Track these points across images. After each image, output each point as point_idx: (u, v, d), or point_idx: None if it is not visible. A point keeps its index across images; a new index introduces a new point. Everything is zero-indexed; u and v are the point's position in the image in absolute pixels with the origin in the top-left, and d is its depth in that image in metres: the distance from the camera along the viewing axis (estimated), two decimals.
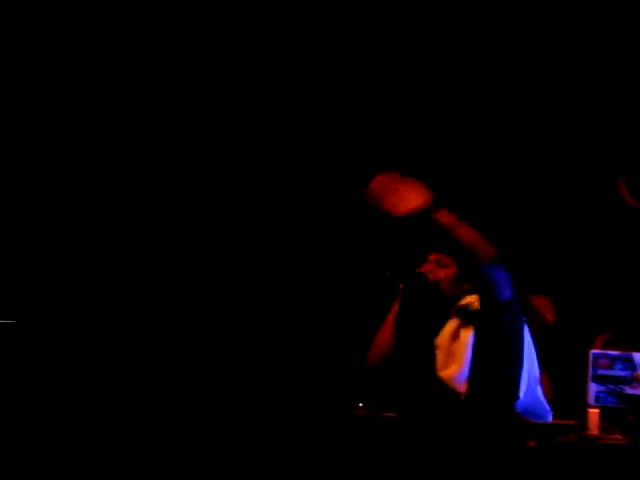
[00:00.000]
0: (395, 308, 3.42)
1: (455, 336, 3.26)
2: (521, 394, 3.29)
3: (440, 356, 3.26)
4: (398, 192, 3.02)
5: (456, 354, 3.22)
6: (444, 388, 3.21)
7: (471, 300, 3.28)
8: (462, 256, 3.17)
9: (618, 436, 4.98)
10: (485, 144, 6.35)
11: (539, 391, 3.40)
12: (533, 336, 3.37)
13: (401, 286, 3.40)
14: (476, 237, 3.07)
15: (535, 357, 3.37)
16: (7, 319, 5.75)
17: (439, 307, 3.35)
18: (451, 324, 3.29)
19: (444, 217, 3.03)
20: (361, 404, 5.47)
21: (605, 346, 5.85)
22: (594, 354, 5.11)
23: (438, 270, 3.36)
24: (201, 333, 6.04)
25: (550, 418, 3.51)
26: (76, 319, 5.93)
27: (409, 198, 3.02)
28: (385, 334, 3.42)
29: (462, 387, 3.18)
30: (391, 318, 3.42)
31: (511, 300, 3.13)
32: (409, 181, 3.04)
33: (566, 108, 6.28)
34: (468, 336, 3.22)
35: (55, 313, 5.92)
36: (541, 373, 3.42)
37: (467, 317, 3.27)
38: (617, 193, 6.45)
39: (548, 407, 3.47)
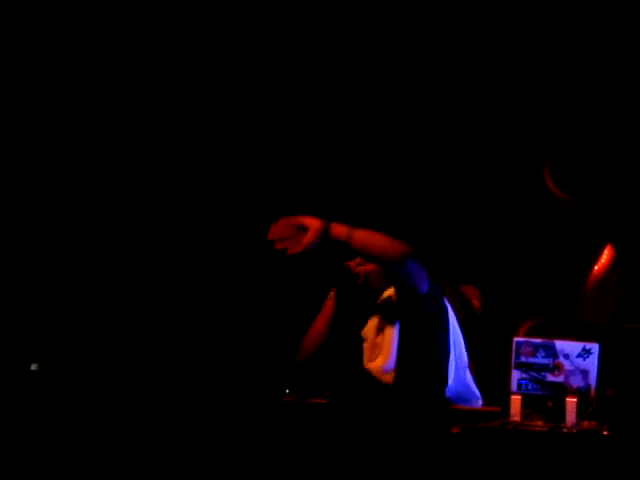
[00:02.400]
0: (328, 303, 3.47)
1: (380, 328, 3.31)
2: (450, 381, 3.34)
3: (367, 348, 3.31)
4: (291, 240, 3.06)
5: (382, 346, 3.28)
6: (372, 379, 3.26)
7: (392, 292, 3.31)
8: (369, 259, 3.21)
9: (539, 422, 5.07)
10: (403, 135, 6.40)
11: (469, 377, 3.45)
12: (461, 323, 3.41)
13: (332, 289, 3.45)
14: (377, 240, 3.10)
15: (463, 344, 3.42)
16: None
17: (367, 300, 3.39)
18: (375, 317, 3.34)
19: (337, 232, 3.05)
20: (288, 391, 5.49)
21: (528, 334, 5.94)
22: (517, 342, 5.18)
23: (365, 263, 3.38)
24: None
25: (480, 403, 3.57)
26: (74, 319, 5.87)
27: (299, 240, 3.05)
28: (315, 330, 3.47)
29: (389, 378, 3.24)
30: (323, 313, 3.47)
31: (429, 292, 3.19)
32: (296, 226, 3.07)
33: (494, 97, 6.35)
34: (392, 327, 3.28)
35: (54, 313, 5.85)
36: (468, 358, 3.47)
37: (390, 309, 3.31)
38: (543, 183, 6.54)
39: (478, 393, 3.52)
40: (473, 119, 6.44)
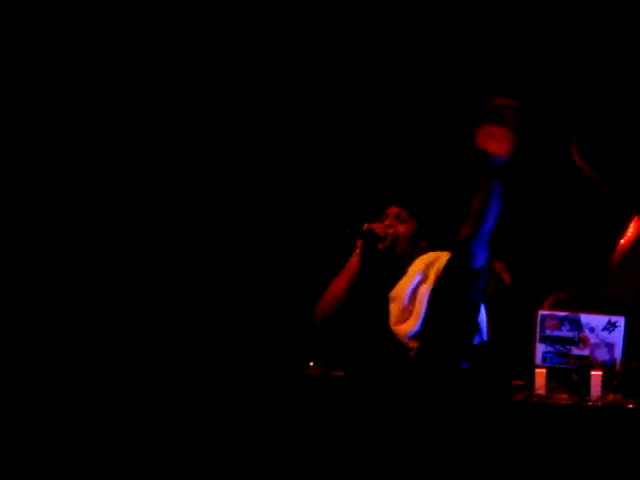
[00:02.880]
0: (351, 261, 3.38)
1: (415, 291, 3.23)
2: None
3: (395, 310, 3.24)
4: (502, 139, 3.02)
5: (413, 310, 3.21)
6: (396, 343, 3.20)
7: (438, 257, 3.26)
8: (470, 217, 3.08)
9: (564, 396, 5.06)
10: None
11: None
12: (489, 297, 3.37)
13: (358, 241, 3.36)
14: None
15: (485, 324, 3.38)
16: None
17: (394, 262, 3.35)
18: (410, 278, 3.26)
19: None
20: (312, 363, 5.49)
21: (554, 307, 5.92)
22: (542, 315, 5.17)
23: (397, 225, 3.34)
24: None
25: None
26: (73, 318, 5.89)
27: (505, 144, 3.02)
28: (337, 285, 3.37)
29: (415, 343, 3.18)
30: (345, 270, 3.38)
31: (482, 268, 3.11)
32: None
33: (517, 71, 6.30)
34: (425, 292, 3.21)
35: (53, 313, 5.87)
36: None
37: (425, 275, 3.25)
38: (569, 156, 6.50)
39: None
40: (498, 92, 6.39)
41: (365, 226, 3.34)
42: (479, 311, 3.21)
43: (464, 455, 3.26)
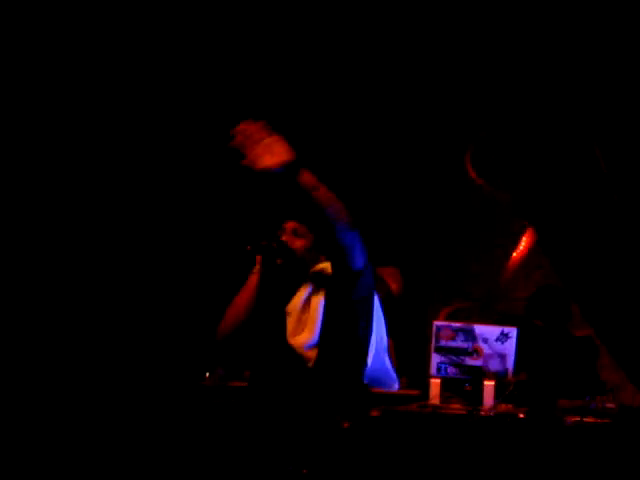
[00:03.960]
0: (251, 278, 3.38)
1: (307, 303, 3.26)
2: (369, 362, 3.33)
3: (291, 323, 3.26)
4: (262, 144, 2.86)
5: (307, 321, 3.23)
6: (294, 355, 3.22)
7: (325, 266, 3.28)
8: (319, 219, 3.06)
9: (458, 405, 5.13)
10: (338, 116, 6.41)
11: (387, 360, 3.44)
12: (380, 303, 3.40)
13: (258, 257, 3.36)
14: (335, 200, 2.99)
15: (384, 326, 3.41)
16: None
17: (292, 276, 3.35)
18: (302, 291, 3.29)
19: (306, 177, 2.93)
20: (208, 374, 5.45)
21: (449, 318, 6.01)
22: (437, 325, 5.23)
23: (294, 239, 3.35)
24: None
25: (397, 387, 3.57)
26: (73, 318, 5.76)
27: (273, 152, 2.86)
28: (238, 303, 3.37)
29: (312, 354, 3.19)
30: (246, 288, 3.39)
31: (364, 268, 3.13)
32: (274, 135, 2.88)
33: (421, 83, 6.38)
34: (319, 303, 3.23)
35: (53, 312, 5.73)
36: (389, 342, 3.47)
37: (320, 283, 3.26)
38: (464, 169, 6.61)
39: (395, 376, 3.52)
40: (397, 106, 6.47)
41: (264, 242, 3.34)
42: (368, 309, 3.25)
43: (358, 464, 3.29)
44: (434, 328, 5.22)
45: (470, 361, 5.18)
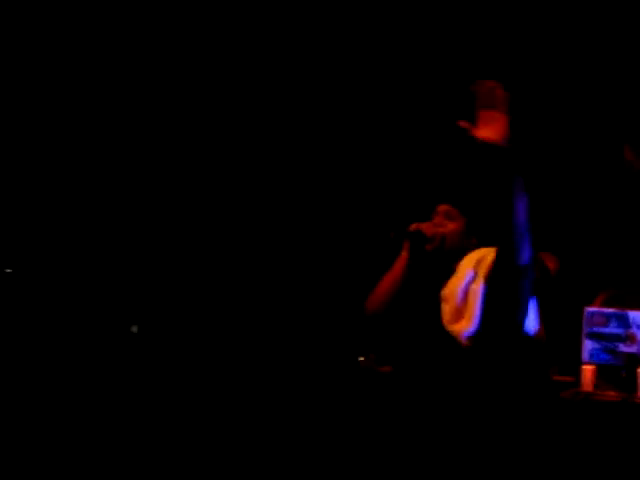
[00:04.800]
0: (401, 258, 3.38)
1: (466, 290, 3.23)
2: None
3: (448, 309, 3.24)
4: (490, 114, 2.89)
5: (466, 309, 3.20)
6: (451, 341, 3.21)
7: (488, 253, 3.24)
8: (506, 206, 3.02)
9: (612, 393, 5.04)
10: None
11: None
12: (535, 284, 3.37)
13: (406, 242, 3.35)
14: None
15: (536, 312, 3.38)
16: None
17: (443, 260, 3.35)
18: (460, 277, 3.25)
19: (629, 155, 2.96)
20: (361, 358, 5.52)
21: (604, 305, 5.89)
22: (589, 311, 5.15)
23: (446, 223, 3.34)
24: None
25: None
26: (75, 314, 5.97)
27: (497, 126, 2.89)
28: (384, 285, 3.39)
29: (469, 341, 3.18)
30: (391, 272, 3.39)
31: (529, 263, 3.09)
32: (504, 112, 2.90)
33: (574, 75, 6.27)
34: (478, 290, 3.20)
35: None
36: (540, 326, 3.44)
37: (475, 272, 3.24)
38: (623, 155, 6.45)
39: None
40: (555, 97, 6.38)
41: (413, 226, 3.35)
42: (527, 308, 3.22)
43: (511, 451, 3.28)
44: (586, 314, 5.14)
45: (624, 347, 5.08)
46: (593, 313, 5.15)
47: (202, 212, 6.23)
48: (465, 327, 3.18)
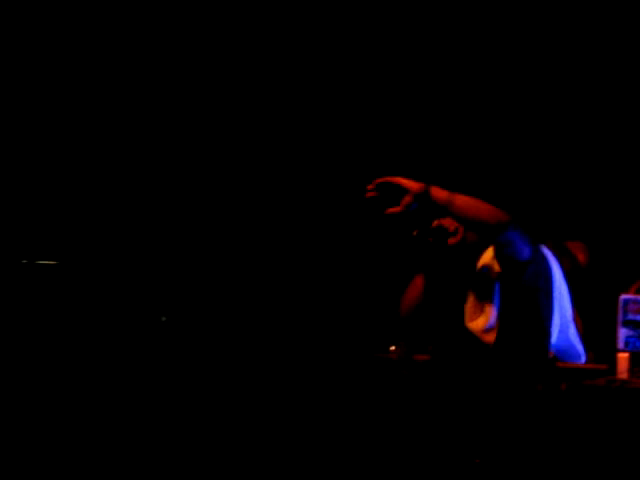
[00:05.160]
0: (416, 279, 3.46)
1: (480, 288, 3.29)
2: (553, 338, 3.32)
3: (468, 307, 3.29)
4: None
5: (482, 305, 3.25)
6: (473, 339, 3.25)
7: (489, 257, 3.28)
8: (468, 227, 3.15)
9: None
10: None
11: (572, 332, 3.41)
12: (565, 276, 3.37)
13: (429, 239, 3.39)
14: (477, 206, 3.01)
15: (568, 298, 3.37)
16: None
17: (465, 255, 3.37)
18: (476, 276, 3.31)
19: (436, 194, 2.98)
20: (392, 347, 5.54)
21: (638, 292, 5.84)
22: (624, 299, 5.11)
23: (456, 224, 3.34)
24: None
25: (584, 360, 3.53)
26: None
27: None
28: (417, 283, 3.45)
29: (491, 337, 3.22)
30: (413, 286, 3.47)
31: (530, 258, 3.14)
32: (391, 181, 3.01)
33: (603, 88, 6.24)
34: (492, 287, 3.26)
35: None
36: (574, 313, 3.43)
37: (489, 270, 3.27)
38: None
39: (582, 349, 3.48)
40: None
41: (435, 222, 3.37)
42: (546, 287, 3.23)
43: (546, 439, 3.28)
44: (621, 301, 5.11)
45: None
46: (628, 300, 5.11)
47: (229, 209, 6.26)
48: (483, 323, 3.23)
